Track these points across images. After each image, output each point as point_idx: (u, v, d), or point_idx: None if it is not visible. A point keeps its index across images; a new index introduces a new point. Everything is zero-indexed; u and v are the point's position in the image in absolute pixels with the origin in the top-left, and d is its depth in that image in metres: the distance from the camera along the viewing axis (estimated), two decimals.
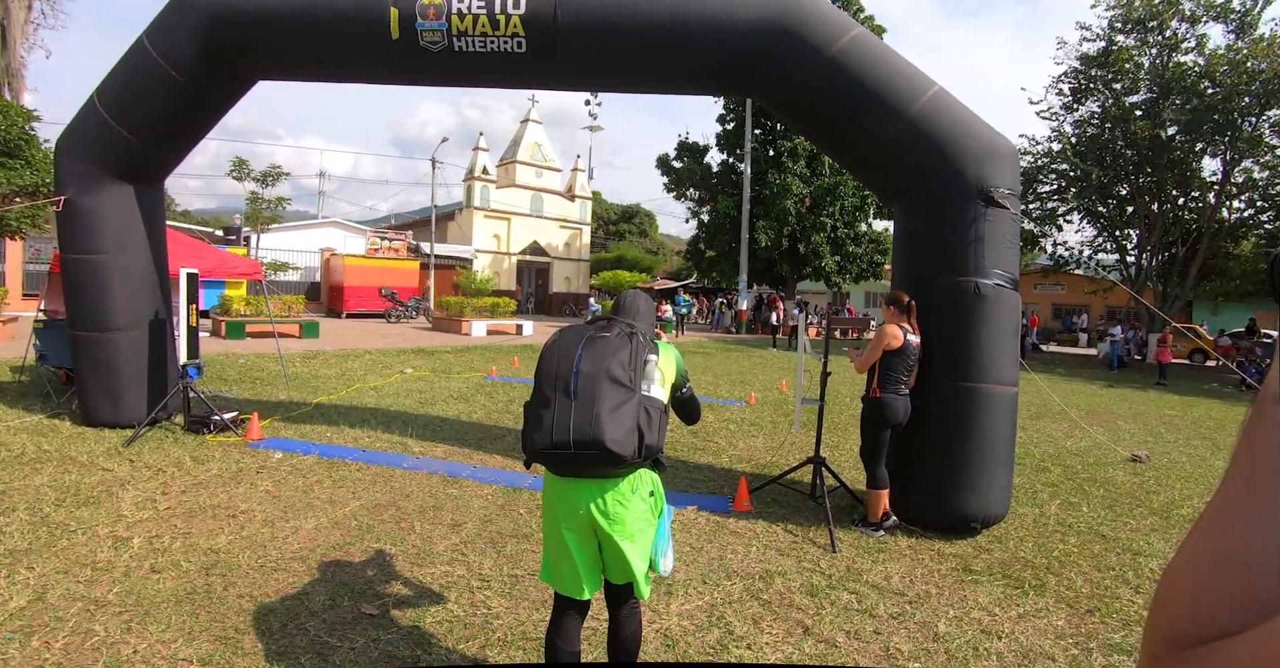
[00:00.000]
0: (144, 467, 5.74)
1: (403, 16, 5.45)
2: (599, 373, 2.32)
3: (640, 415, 2.32)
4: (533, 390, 2.44)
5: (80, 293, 6.86)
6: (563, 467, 2.39)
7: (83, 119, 6.69)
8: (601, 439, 2.22)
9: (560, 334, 2.54)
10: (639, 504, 2.41)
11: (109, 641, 3.13)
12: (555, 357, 2.43)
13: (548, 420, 2.30)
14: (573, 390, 2.31)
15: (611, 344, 2.41)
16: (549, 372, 2.40)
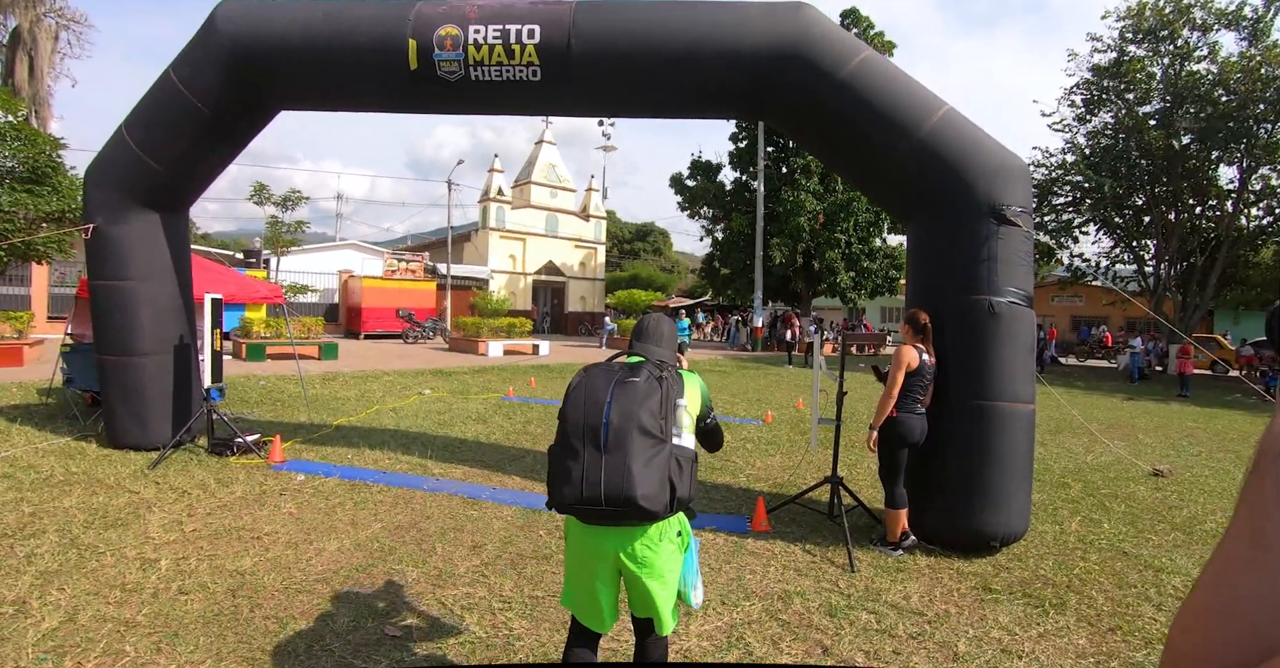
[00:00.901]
0: (169, 489, 5.84)
1: (421, 47, 5.58)
2: (630, 423, 2.25)
3: (672, 467, 2.27)
4: (558, 437, 2.36)
5: (108, 318, 7.00)
6: (592, 518, 2.33)
7: (111, 149, 6.87)
8: (634, 496, 2.17)
9: (585, 376, 2.44)
10: (667, 546, 2.37)
11: (139, 661, 3.19)
12: (582, 403, 2.34)
13: (576, 474, 2.24)
14: (603, 443, 2.24)
15: (641, 390, 2.33)
16: (575, 420, 2.32)
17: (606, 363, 2.51)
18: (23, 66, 22.37)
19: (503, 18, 5.53)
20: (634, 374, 2.39)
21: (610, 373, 2.42)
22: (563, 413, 2.37)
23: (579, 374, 2.45)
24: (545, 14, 5.52)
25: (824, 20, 5.55)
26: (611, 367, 2.48)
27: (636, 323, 2.76)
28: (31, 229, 15.07)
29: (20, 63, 22.38)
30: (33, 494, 5.59)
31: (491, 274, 34.25)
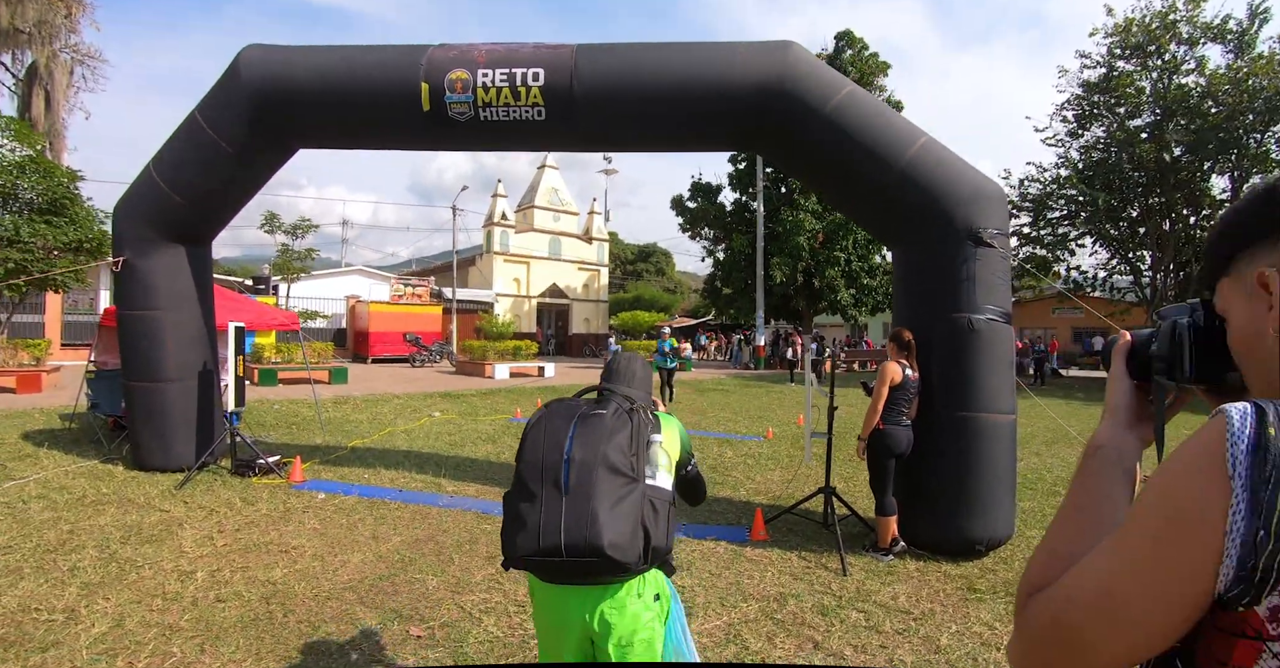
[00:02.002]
0: (198, 507, 6.16)
1: (432, 90, 5.97)
2: (595, 460, 1.96)
3: (645, 511, 1.98)
4: (514, 482, 2.06)
5: (136, 346, 7.34)
6: (552, 574, 2.01)
7: (139, 186, 7.25)
8: (600, 544, 1.86)
9: (545, 412, 2.15)
10: (643, 612, 2.04)
11: (186, 661, 3.50)
12: (541, 440, 2.04)
13: (534, 520, 1.92)
14: (564, 483, 1.95)
15: (608, 424, 2.06)
16: (533, 460, 2.02)
17: (569, 399, 2.24)
18: (39, 101, 22.98)
19: (509, 62, 5.92)
20: (600, 407, 2.13)
21: (573, 408, 2.14)
22: (520, 454, 2.08)
23: (539, 411, 2.17)
24: (549, 57, 5.91)
25: (809, 58, 5.94)
26: (575, 402, 2.20)
27: (606, 362, 2.53)
28: (49, 259, 15.50)
29: (37, 97, 22.99)
30: (68, 513, 5.91)
31: (496, 298, 34.69)
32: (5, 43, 23.37)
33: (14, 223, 14.80)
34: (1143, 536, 0.70)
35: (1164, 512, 0.69)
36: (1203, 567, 0.65)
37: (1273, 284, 0.74)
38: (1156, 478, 0.71)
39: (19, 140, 15.97)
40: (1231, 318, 0.83)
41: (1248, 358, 0.80)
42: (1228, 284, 0.83)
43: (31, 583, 4.43)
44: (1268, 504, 0.62)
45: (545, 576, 2.04)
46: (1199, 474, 0.66)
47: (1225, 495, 0.64)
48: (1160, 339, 0.92)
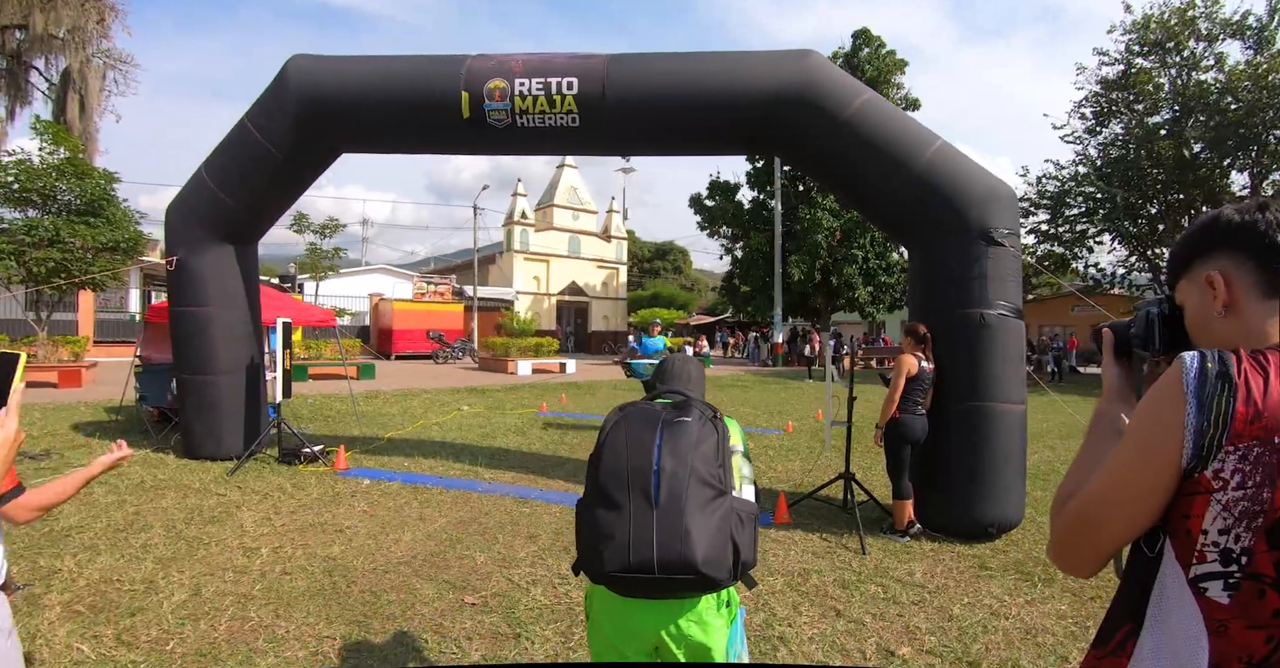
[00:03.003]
0: (252, 492, 6.55)
1: (472, 99, 6.32)
2: (685, 471, 1.86)
3: (734, 525, 1.87)
4: (590, 488, 1.97)
5: (188, 341, 7.74)
6: (633, 589, 1.88)
7: (191, 188, 7.65)
8: (694, 561, 1.77)
9: (624, 415, 2.04)
10: (717, 622, 1.95)
11: (263, 624, 3.86)
12: (624, 447, 1.93)
13: (622, 534, 1.81)
14: (654, 495, 1.83)
15: (694, 432, 1.94)
16: (616, 468, 1.90)
17: (644, 402, 2.13)
18: (74, 105, 23.59)
19: (545, 71, 6.26)
20: (683, 413, 2.01)
21: (653, 414, 2.02)
22: (596, 460, 1.97)
23: (614, 413, 2.05)
24: (582, 67, 6.25)
25: (828, 66, 6.24)
26: (653, 407, 2.08)
27: (660, 364, 2.43)
28: (88, 259, 15.99)
29: (71, 101, 23.60)
30: (131, 497, 6.31)
31: (517, 295, 35.13)
32: (40, 48, 24.00)
33: (54, 224, 15.30)
34: (1133, 442, 1.07)
35: (1146, 422, 1.05)
36: (1172, 453, 1.01)
37: (1215, 282, 1.11)
38: (1140, 405, 1.09)
39: (56, 143, 16.46)
40: (1188, 306, 1.20)
41: (1199, 333, 1.18)
42: (1185, 283, 1.20)
43: (108, 558, 4.81)
44: (1207, 407, 0.98)
45: (624, 590, 1.89)
46: (1167, 393, 1.03)
47: (1182, 405, 1.00)
48: (1137, 323, 1.30)
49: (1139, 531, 1.09)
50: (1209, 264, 1.14)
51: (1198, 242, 1.18)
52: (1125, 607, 1.14)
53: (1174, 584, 1.05)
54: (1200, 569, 1.02)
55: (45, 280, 15.11)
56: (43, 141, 16.34)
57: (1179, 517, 1.04)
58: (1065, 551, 1.18)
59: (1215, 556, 1.01)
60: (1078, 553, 1.16)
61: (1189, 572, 1.03)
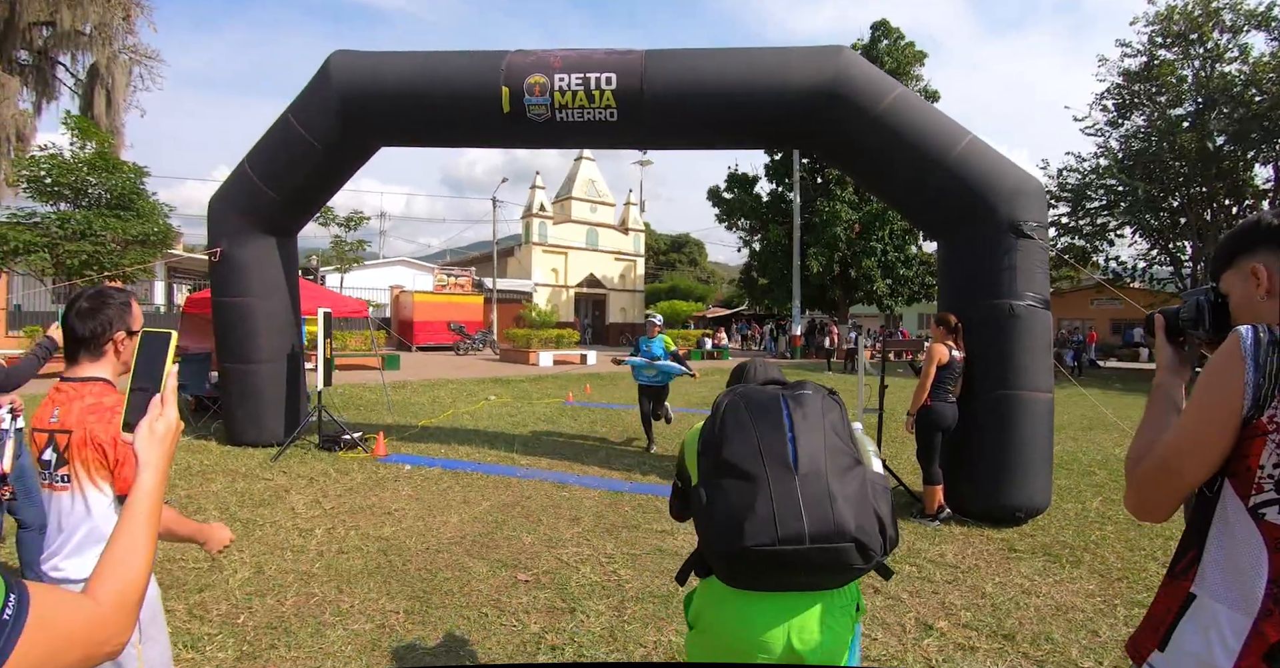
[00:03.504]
0: (298, 476, 6.76)
1: (513, 94, 6.48)
2: (819, 438, 1.74)
3: (876, 496, 1.74)
4: (712, 469, 1.78)
5: (230, 330, 7.97)
6: (774, 573, 1.67)
7: (234, 181, 7.85)
8: (847, 526, 1.62)
9: (738, 395, 1.89)
10: (845, 621, 1.80)
11: (327, 599, 4.06)
12: (749, 421, 1.78)
13: (765, 505, 1.62)
14: (793, 462, 1.68)
15: (818, 403, 1.84)
16: (745, 441, 1.74)
17: (754, 385, 2.02)
18: (101, 100, 23.89)
19: (583, 67, 6.41)
20: (801, 388, 1.92)
21: (768, 391, 1.91)
22: (717, 439, 1.80)
23: (724, 395, 1.92)
24: (620, 62, 6.39)
25: (861, 62, 6.36)
26: (764, 387, 1.97)
27: (738, 368, 2.34)
28: (118, 252, 16.30)
29: (98, 97, 23.90)
30: (181, 482, 6.54)
31: (535, 287, 35.34)
32: (66, 45, 24.32)
33: (85, 217, 15.60)
34: (1203, 399, 1.28)
35: (1214, 381, 1.27)
36: (1235, 404, 1.23)
37: (1259, 273, 1.34)
38: (1206, 369, 1.31)
39: (86, 137, 16.75)
40: (1233, 293, 1.42)
41: (1243, 314, 1.39)
42: (1231, 274, 1.43)
43: None
44: (1262, 366, 1.21)
45: (757, 579, 1.71)
46: (1228, 359, 1.25)
47: (1241, 366, 1.22)
48: (1187, 309, 1.51)
49: (1211, 472, 1.29)
50: (1252, 258, 1.37)
51: (1242, 240, 1.41)
52: (1189, 540, 1.36)
53: (1235, 514, 1.27)
54: (1259, 499, 1.23)
55: (76, 272, 15.43)
56: (74, 136, 16.62)
57: (1239, 457, 1.25)
58: (1147, 499, 1.39)
59: (1271, 486, 1.22)
60: (1159, 499, 1.37)
61: (1248, 502, 1.25)
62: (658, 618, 3.84)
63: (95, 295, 1.97)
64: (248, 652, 3.41)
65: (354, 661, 3.34)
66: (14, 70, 23.39)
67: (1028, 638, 3.69)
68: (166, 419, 1.16)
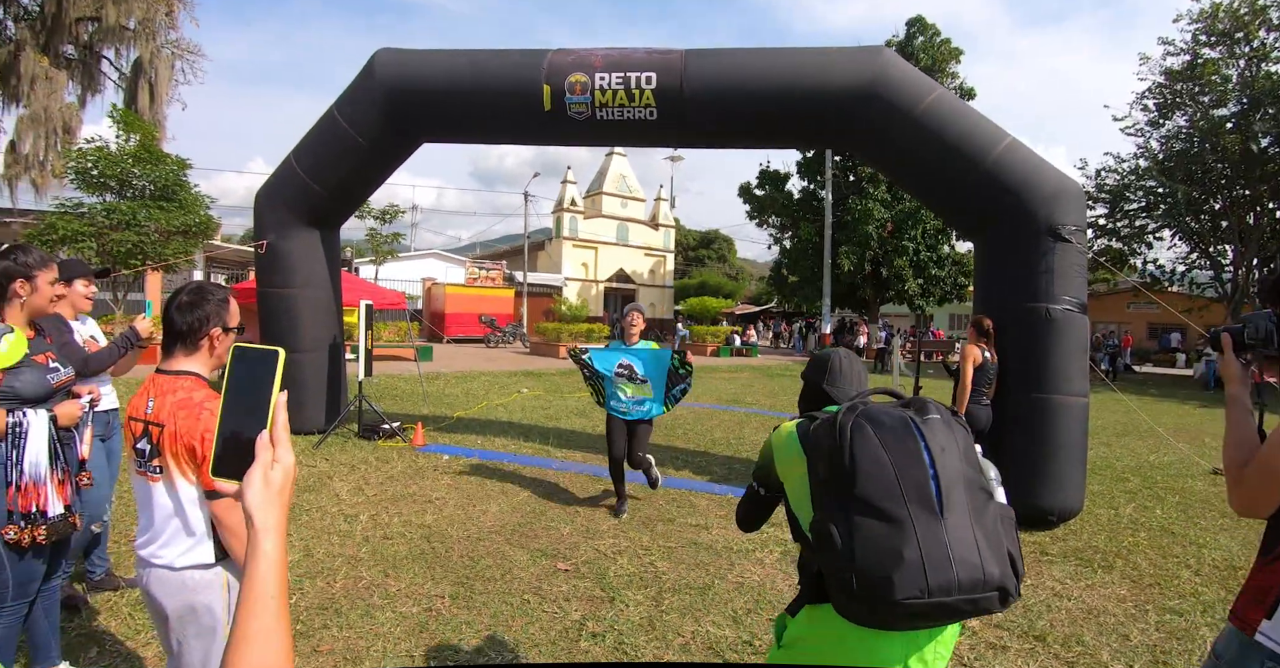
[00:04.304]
0: (340, 464, 6.95)
1: (554, 92, 6.60)
2: (958, 475, 1.60)
3: (1005, 531, 1.62)
4: (839, 504, 1.61)
5: (274, 320, 8.16)
6: (914, 620, 1.56)
7: (281, 175, 8.04)
8: (994, 575, 1.51)
9: (861, 416, 1.68)
10: (950, 647, 1.77)
11: (375, 583, 4.21)
12: (883, 453, 1.60)
13: (912, 552, 1.49)
14: (937, 505, 1.55)
15: (951, 431, 1.69)
16: (883, 477, 1.57)
17: (873, 403, 1.78)
18: (144, 94, 24.39)
19: (624, 66, 6.50)
20: (926, 411, 1.72)
21: (896, 413, 1.71)
22: (845, 470, 1.60)
23: (846, 416, 1.69)
24: (660, 61, 6.48)
25: (900, 63, 6.39)
26: (888, 408, 1.75)
27: (820, 360, 2.17)
28: (161, 242, 16.69)
29: (142, 91, 24.40)
30: None
31: (565, 282, 35.54)
32: (111, 40, 24.83)
33: (130, 208, 15.99)
34: None
35: None
36: None
37: None
38: None
39: (132, 130, 17.15)
40: None
41: None
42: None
43: None
44: None
45: (908, 621, 1.56)
46: None
47: None
48: (1252, 329, 1.75)
49: None
50: None
51: None
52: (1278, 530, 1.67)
53: None
54: None
55: (121, 261, 15.82)
56: (119, 129, 17.02)
57: None
58: (1253, 500, 1.65)
59: None
60: (1266, 498, 1.62)
61: None
62: (695, 609, 3.94)
63: (196, 290, 2.08)
64: (301, 631, 3.55)
65: (403, 642, 3.47)
66: (61, 64, 23.94)
67: (1059, 640, 3.74)
68: (283, 466, 0.92)
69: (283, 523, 0.90)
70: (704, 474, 7.17)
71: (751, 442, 9.05)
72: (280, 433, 0.93)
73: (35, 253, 2.67)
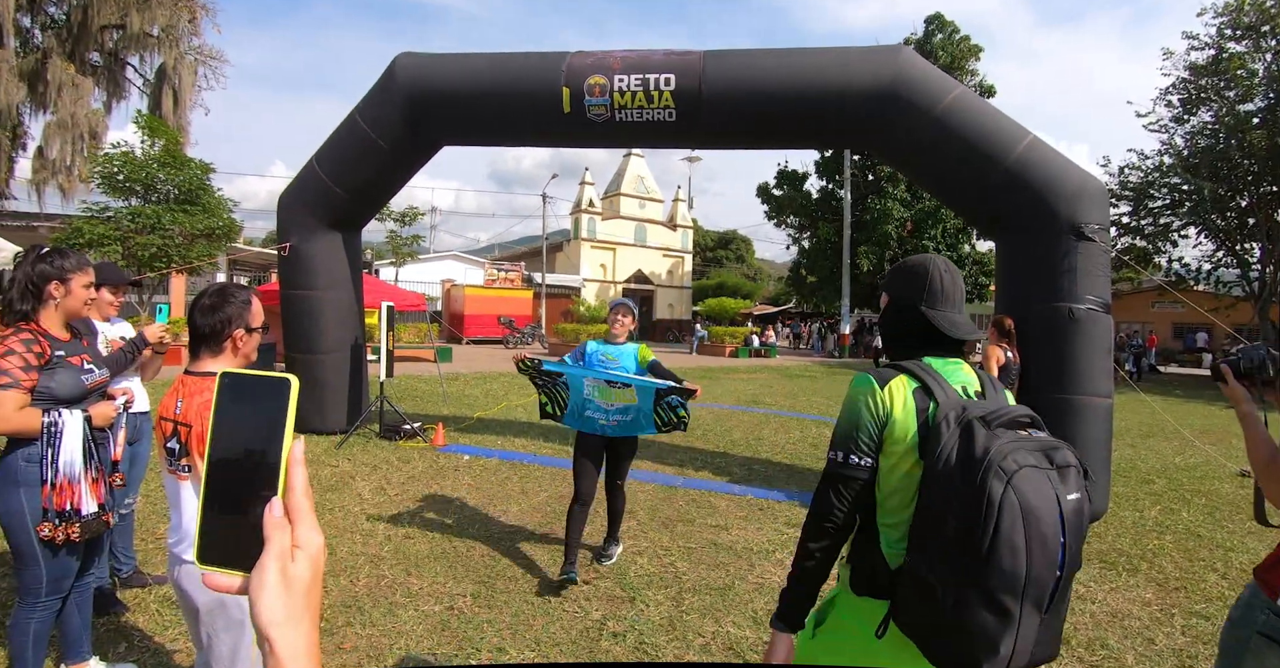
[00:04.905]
0: (362, 464, 7.01)
1: (573, 95, 6.62)
2: (1077, 564, 1.47)
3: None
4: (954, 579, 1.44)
5: (297, 321, 8.26)
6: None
7: (303, 178, 8.13)
8: (1058, 650, 1.52)
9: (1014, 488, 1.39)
10: None
11: (397, 581, 4.24)
12: (1029, 538, 1.37)
13: (1006, 645, 1.42)
14: (1047, 604, 1.42)
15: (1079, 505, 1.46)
16: (1013, 574, 1.37)
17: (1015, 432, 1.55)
18: (168, 99, 24.73)
19: (642, 68, 6.52)
20: (1066, 475, 1.48)
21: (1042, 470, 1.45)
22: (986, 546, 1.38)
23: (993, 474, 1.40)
24: (679, 63, 6.49)
25: (920, 62, 6.36)
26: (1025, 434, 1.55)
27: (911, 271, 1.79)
28: (186, 245, 16.90)
29: (166, 96, 24.75)
30: None
31: (584, 283, 35.63)
32: (135, 46, 25.20)
33: (155, 212, 16.21)
34: None
35: None
36: None
37: None
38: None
39: (156, 135, 17.38)
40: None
41: None
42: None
43: None
44: None
45: None
46: None
47: None
48: (1249, 358, 2.07)
49: None
50: None
51: None
52: None
53: None
54: None
55: (146, 264, 16.05)
56: (144, 134, 17.26)
57: None
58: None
59: None
60: None
61: None
62: (715, 610, 3.95)
63: (218, 292, 2.12)
64: (325, 629, 3.59)
65: (425, 640, 3.51)
66: (87, 71, 24.31)
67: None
68: (309, 553, 0.62)
69: (314, 645, 0.61)
70: (723, 475, 7.17)
71: (770, 442, 9.03)
72: (299, 501, 0.63)
73: (73, 257, 2.73)
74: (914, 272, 1.77)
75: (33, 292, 2.64)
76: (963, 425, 1.54)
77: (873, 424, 1.66)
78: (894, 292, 1.81)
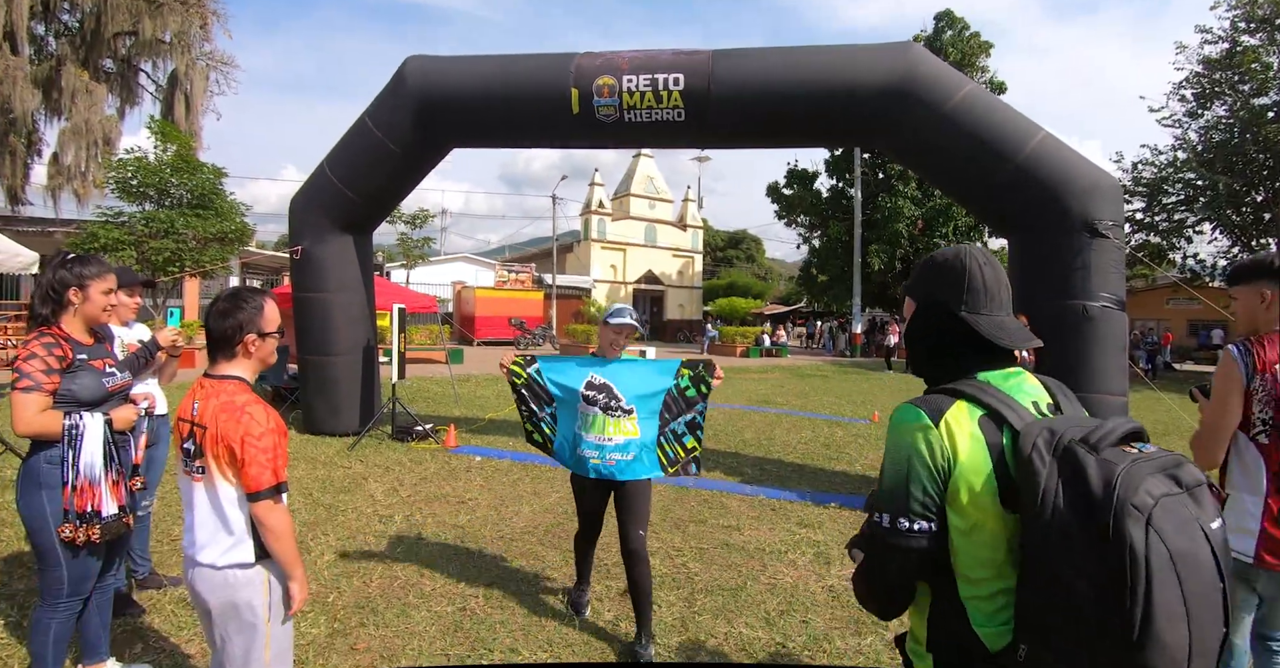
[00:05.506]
0: (374, 465, 7.04)
1: (582, 96, 6.64)
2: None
3: None
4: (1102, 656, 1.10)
5: (309, 324, 8.31)
6: None
7: (314, 182, 8.19)
8: None
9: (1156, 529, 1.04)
10: None
11: (410, 582, 4.26)
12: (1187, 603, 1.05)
13: None
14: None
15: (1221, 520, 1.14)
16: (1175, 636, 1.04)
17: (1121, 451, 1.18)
18: (180, 105, 24.92)
19: (651, 68, 6.53)
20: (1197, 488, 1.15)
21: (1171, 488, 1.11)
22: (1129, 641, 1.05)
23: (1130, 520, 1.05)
24: (688, 63, 6.49)
25: (930, 59, 6.34)
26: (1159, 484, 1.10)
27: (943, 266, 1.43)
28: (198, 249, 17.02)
29: (178, 102, 24.94)
30: None
31: (594, 284, 35.67)
32: (148, 53, 25.38)
33: (169, 217, 16.33)
34: (1223, 388, 2.43)
35: (1223, 377, 2.44)
36: (1239, 390, 2.40)
37: (1266, 296, 2.40)
38: (1216, 374, 2.47)
39: (169, 140, 17.51)
40: (1242, 302, 2.52)
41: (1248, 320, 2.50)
42: (1244, 288, 2.50)
43: None
44: (1249, 367, 2.37)
45: None
46: (1226, 366, 2.43)
47: (1237, 368, 2.40)
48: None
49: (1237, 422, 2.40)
50: (1259, 284, 2.41)
51: (1255, 270, 2.45)
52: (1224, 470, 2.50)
53: (1243, 442, 2.42)
54: (1255, 431, 2.39)
55: (160, 269, 16.18)
56: (157, 140, 17.40)
57: (1246, 412, 2.39)
58: (1206, 451, 2.49)
59: (1259, 423, 2.37)
60: (1215, 449, 2.46)
61: (1249, 433, 2.40)
62: (727, 611, 3.94)
63: (231, 297, 2.14)
64: (339, 629, 3.61)
65: (438, 640, 3.52)
66: (100, 78, 24.53)
67: None
68: None
69: None
70: (735, 475, 7.16)
71: (782, 442, 9.02)
72: None
73: (94, 264, 2.76)
74: (948, 268, 1.40)
75: (53, 297, 2.68)
76: (1059, 455, 1.18)
77: (931, 475, 1.28)
78: (923, 294, 1.44)
